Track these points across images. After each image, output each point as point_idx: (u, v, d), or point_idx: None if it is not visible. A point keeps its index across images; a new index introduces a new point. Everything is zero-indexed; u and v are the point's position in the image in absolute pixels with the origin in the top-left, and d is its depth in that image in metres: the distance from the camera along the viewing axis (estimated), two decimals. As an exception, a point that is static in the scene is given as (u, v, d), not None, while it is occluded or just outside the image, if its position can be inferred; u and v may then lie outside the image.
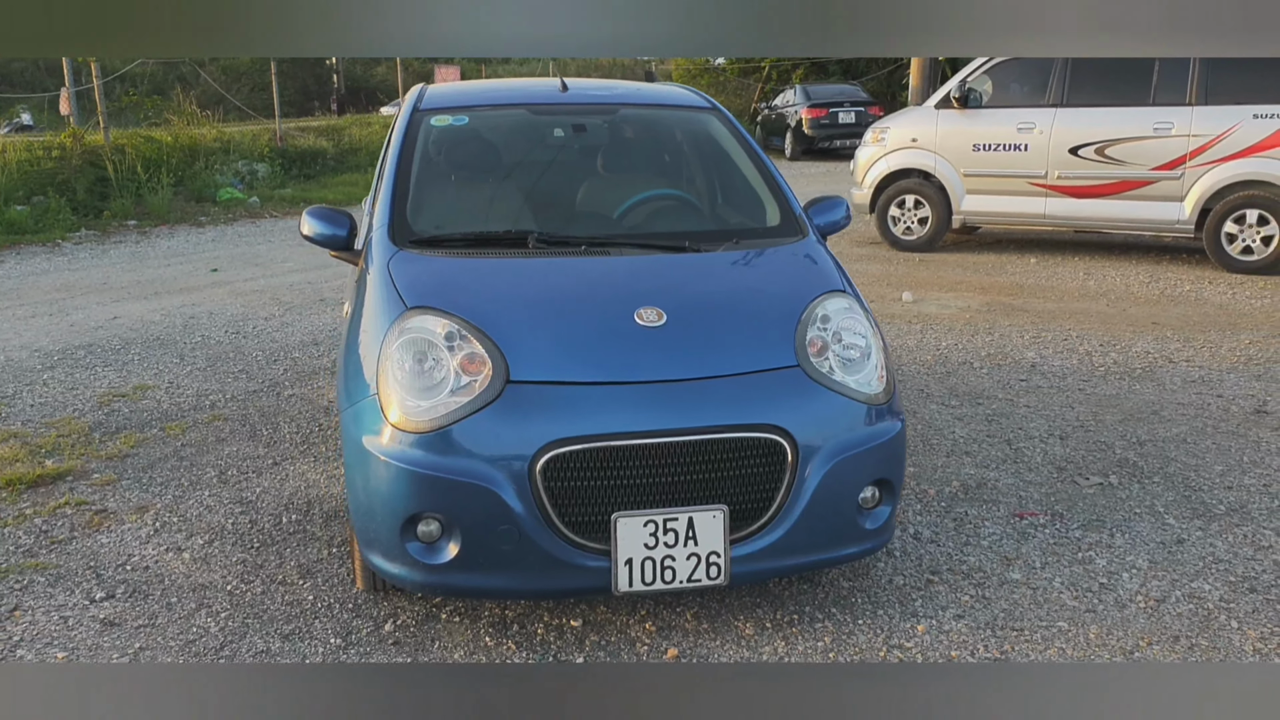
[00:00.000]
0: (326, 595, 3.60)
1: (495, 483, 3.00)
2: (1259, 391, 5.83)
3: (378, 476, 3.09)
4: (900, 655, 3.21)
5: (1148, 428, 5.24)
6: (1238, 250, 9.31)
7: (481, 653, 3.24)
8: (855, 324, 3.43)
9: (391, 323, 3.26)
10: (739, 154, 4.31)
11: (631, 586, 3.06)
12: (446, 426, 3.04)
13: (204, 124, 15.96)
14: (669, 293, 3.39)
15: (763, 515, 3.13)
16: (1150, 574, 3.71)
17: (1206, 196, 9.29)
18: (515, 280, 3.49)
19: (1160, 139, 9.41)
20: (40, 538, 4.07)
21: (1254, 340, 6.99)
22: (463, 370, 3.12)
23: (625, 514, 3.02)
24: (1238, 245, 9.30)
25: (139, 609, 3.53)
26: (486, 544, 3.04)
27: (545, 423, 3.03)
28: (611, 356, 3.17)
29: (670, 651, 3.23)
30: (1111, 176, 9.65)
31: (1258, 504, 4.31)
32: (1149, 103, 9.51)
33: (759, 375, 3.20)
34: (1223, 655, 3.20)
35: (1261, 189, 9.10)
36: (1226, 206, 9.25)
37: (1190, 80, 9.34)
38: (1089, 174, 9.72)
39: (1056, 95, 9.92)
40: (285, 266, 9.92)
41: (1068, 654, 3.21)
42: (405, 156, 4.01)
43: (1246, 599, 3.54)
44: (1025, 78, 10.17)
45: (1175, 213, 9.46)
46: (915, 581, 3.66)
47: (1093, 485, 4.51)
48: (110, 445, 5.06)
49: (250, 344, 6.99)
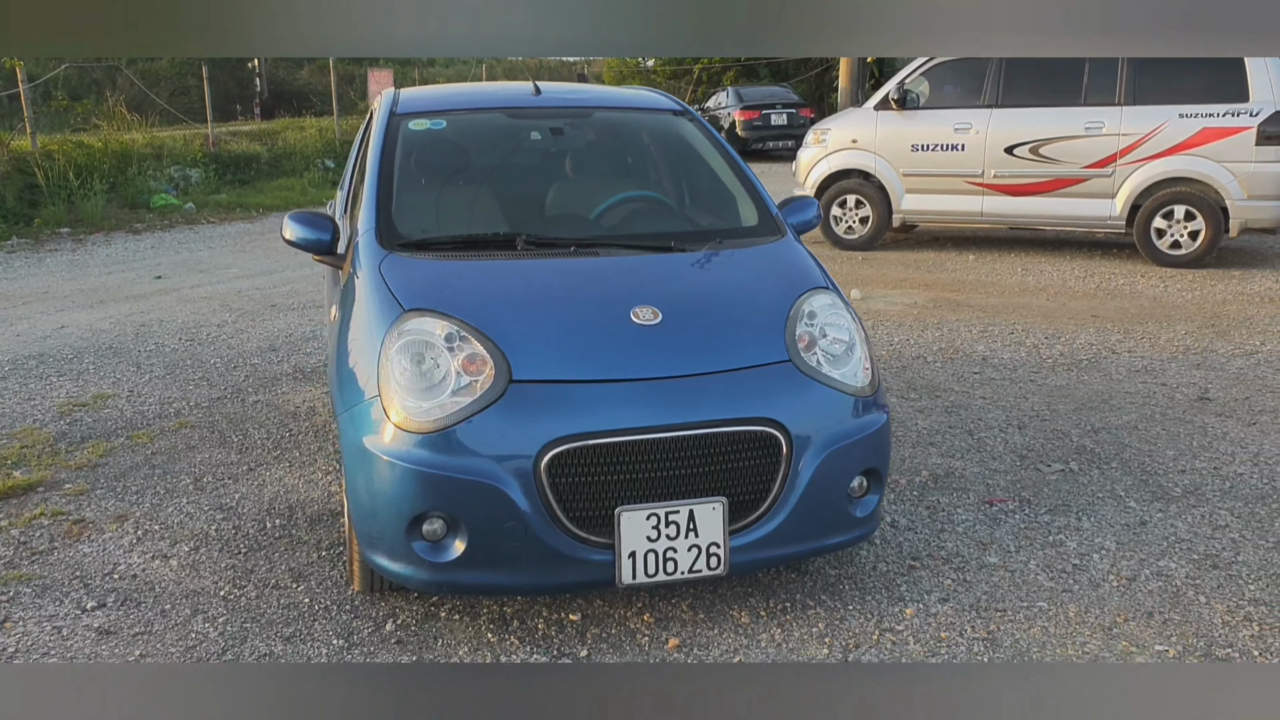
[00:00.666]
0: (322, 597, 3.62)
1: (501, 480, 3.06)
2: (1200, 380, 6.08)
3: (382, 477, 3.13)
4: (892, 638, 3.32)
5: (1100, 416, 5.44)
6: (1167, 245, 9.64)
7: (485, 649, 3.29)
8: (839, 319, 3.55)
9: (389, 325, 3.30)
10: (713, 155, 4.41)
11: (635, 579, 3.14)
12: (451, 426, 3.09)
13: (136, 128, 15.66)
14: (661, 292, 3.48)
15: (759, 506, 3.23)
16: (1119, 555, 3.88)
17: (1136, 193, 9.61)
18: (508, 282, 3.55)
19: (1091, 138, 9.71)
20: (19, 549, 4.03)
21: (1189, 331, 7.26)
22: (464, 370, 3.18)
23: (628, 508, 3.10)
24: (1166, 240, 9.63)
25: (133, 617, 3.52)
26: (493, 541, 3.10)
27: (549, 421, 3.09)
28: (611, 355, 3.24)
29: (671, 642, 3.31)
30: (1046, 175, 9.93)
31: (1210, 486, 4.51)
32: (1080, 103, 9.81)
33: (753, 370, 3.30)
34: (1195, 628, 3.36)
35: (1188, 185, 9.44)
36: (1155, 203, 9.57)
37: (1119, 81, 9.65)
38: (1024, 172, 10.00)
39: (991, 96, 10.18)
40: (231, 273, 9.81)
41: (1050, 632, 3.35)
42: (387, 160, 4.03)
43: (1211, 575, 3.72)
44: (961, 79, 10.42)
45: (1107, 209, 9.77)
46: (898, 568, 3.79)
47: (1055, 472, 4.68)
48: (78, 455, 5.00)
49: (206, 351, 6.93)
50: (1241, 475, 4.62)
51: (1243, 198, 9.29)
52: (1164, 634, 3.34)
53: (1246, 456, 4.85)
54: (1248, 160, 9.25)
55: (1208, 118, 9.35)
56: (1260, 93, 9.23)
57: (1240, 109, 9.26)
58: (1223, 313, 7.84)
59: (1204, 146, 9.37)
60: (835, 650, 3.25)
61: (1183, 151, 9.45)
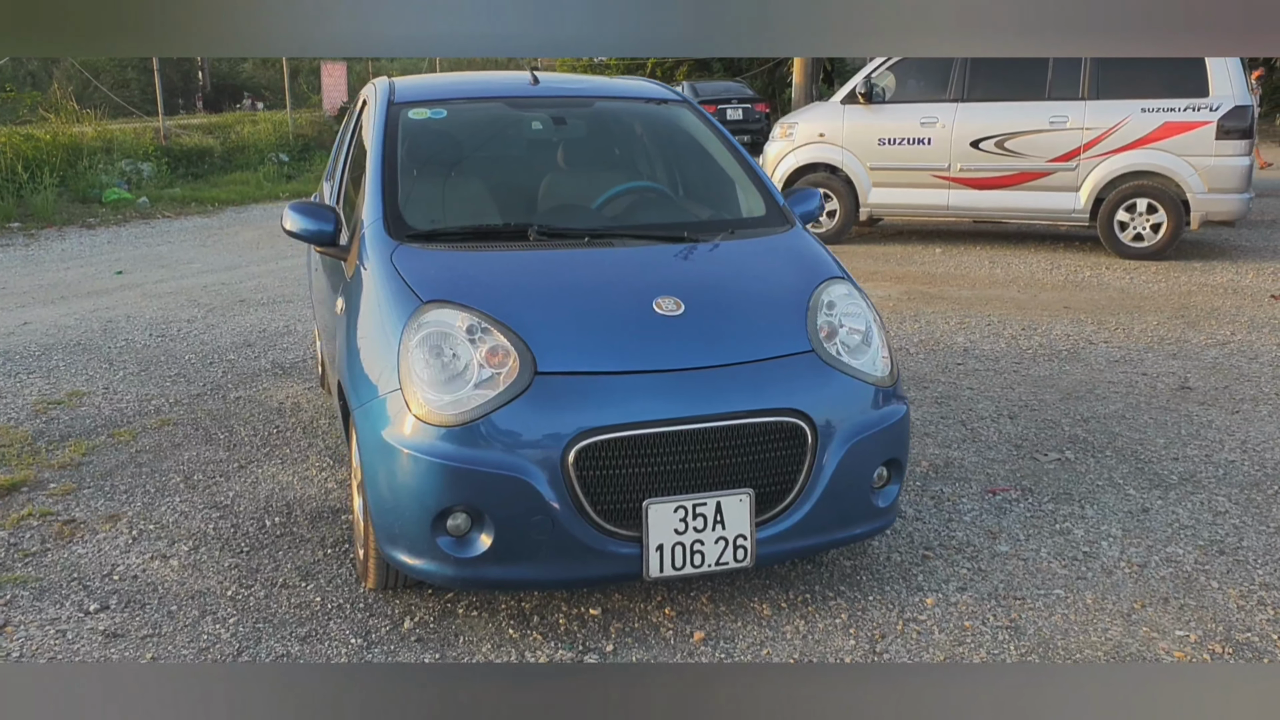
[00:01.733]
0: (334, 596, 3.55)
1: (529, 473, 3.01)
2: (1178, 369, 6.17)
3: (405, 471, 3.07)
4: (916, 628, 3.32)
5: (1087, 405, 5.50)
6: (1129, 237, 9.79)
7: (508, 645, 3.24)
8: (857, 308, 3.54)
9: (407, 318, 3.23)
10: (716, 145, 4.38)
11: (662, 572, 3.11)
12: (477, 419, 3.04)
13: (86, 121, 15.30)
14: (682, 282, 3.45)
15: (785, 497, 3.21)
16: (1126, 541, 3.91)
17: (1100, 186, 9.75)
18: (526, 273, 3.49)
19: (1056, 132, 9.83)
20: (10, 551, 3.90)
21: (1160, 322, 7.37)
22: (486, 362, 3.12)
23: (656, 500, 3.07)
24: (1129, 232, 9.78)
25: (139, 619, 3.42)
26: (520, 535, 3.05)
27: (576, 413, 3.05)
28: (636, 346, 3.20)
29: (696, 635, 3.28)
30: (1011, 168, 10.04)
31: (1205, 473, 4.57)
32: (1044, 97, 9.93)
33: (777, 361, 3.27)
34: (1211, 614, 3.40)
35: (1150, 179, 9.59)
36: (1119, 196, 9.72)
37: (1082, 76, 9.78)
38: (989, 166, 10.09)
39: (957, 90, 10.27)
40: (193, 268, 9.62)
41: (1071, 620, 3.37)
42: (389, 150, 3.95)
43: (1219, 561, 3.76)
44: (927, 74, 10.49)
45: (1071, 202, 9.90)
46: (912, 558, 3.79)
47: (1052, 461, 4.72)
48: (60, 454, 4.86)
49: (179, 347, 6.78)
50: (1233, 462, 4.69)
51: (1203, 191, 9.46)
52: (1182, 619, 3.37)
53: (1235, 444, 4.92)
54: (1208, 154, 9.42)
55: (1169, 112, 9.51)
56: (1220, 88, 9.40)
57: (1201, 104, 9.43)
58: (1190, 304, 7.97)
59: (1165, 141, 9.53)
60: (861, 641, 3.24)
61: (1145, 146, 9.60)
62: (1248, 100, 9.45)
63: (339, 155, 4.96)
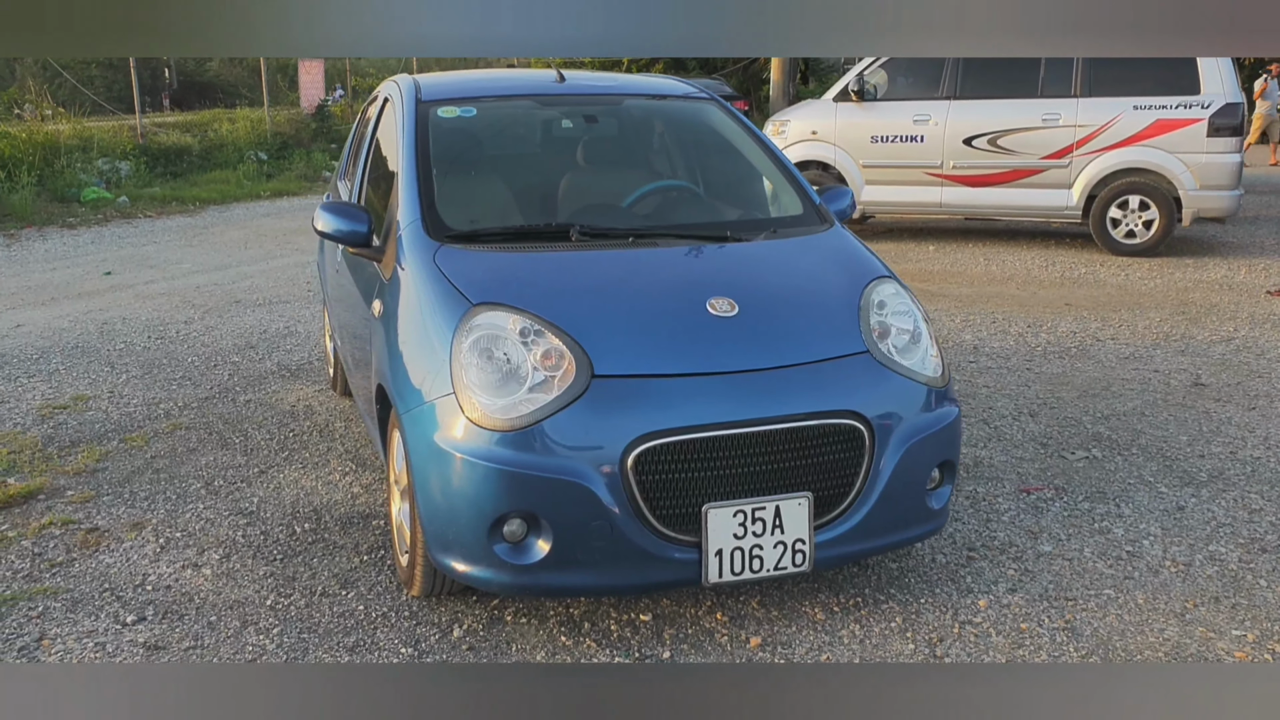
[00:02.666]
0: (377, 604, 3.47)
1: (588, 478, 2.95)
2: (1189, 366, 6.19)
3: (461, 477, 3.00)
4: (973, 631, 3.29)
5: (1105, 403, 5.50)
6: (1122, 234, 9.84)
7: (562, 653, 3.19)
8: (906, 308, 3.50)
9: (458, 321, 3.17)
10: (747, 142, 4.33)
11: (721, 577, 3.06)
12: (535, 423, 2.98)
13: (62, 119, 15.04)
14: (733, 282, 3.40)
15: (843, 501, 3.17)
16: (1167, 540, 3.90)
17: (1092, 183, 9.80)
18: (574, 274, 3.44)
19: (1049, 129, 9.87)
20: (35, 561, 3.80)
21: (1163, 318, 7.40)
22: (541, 365, 3.06)
23: (715, 505, 3.02)
24: (1122, 229, 9.83)
25: (179, 630, 3.33)
26: (579, 541, 2.99)
27: (634, 416, 3.00)
28: (692, 348, 3.15)
29: (753, 641, 3.24)
30: (1004, 165, 10.07)
31: (1233, 470, 4.58)
32: (1037, 95, 9.96)
33: (833, 362, 3.23)
34: (1264, 612, 3.39)
35: (1142, 176, 9.65)
36: (1111, 193, 9.77)
37: (1075, 74, 9.82)
38: (983, 163, 10.12)
39: (950, 88, 10.28)
40: (183, 268, 9.47)
41: (1126, 620, 3.35)
42: (422, 149, 3.87)
43: (1263, 559, 3.76)
44: (919, 71, 10.50)
45: (1064, 199, 9.94)
46: (957, 559, 3.76)
47: (1080, 459, 4.71)
48: (72, 460, 4.75)
49: (180, 349, 6.66)
50: (1259, 459, 4.70)
51: (1195, 188, 9.53)
52: (1235, 618, 3.36)
53: (1257, 440, 4.94)
54: (1199, 151, 9.49)
55: (1161, 110, 9.57)
56: (1211, 85, 9.47)
57: (1192, 101, 9.49)
58: (1189, 300, 8.01)
59: (1157, 138, 9.59)
60: (920, 645, 3.21)
61: (1137, 143, 9.66)
62: (1238, 98, 9.52)
63: (358, 155, 4.86)
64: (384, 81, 5.04)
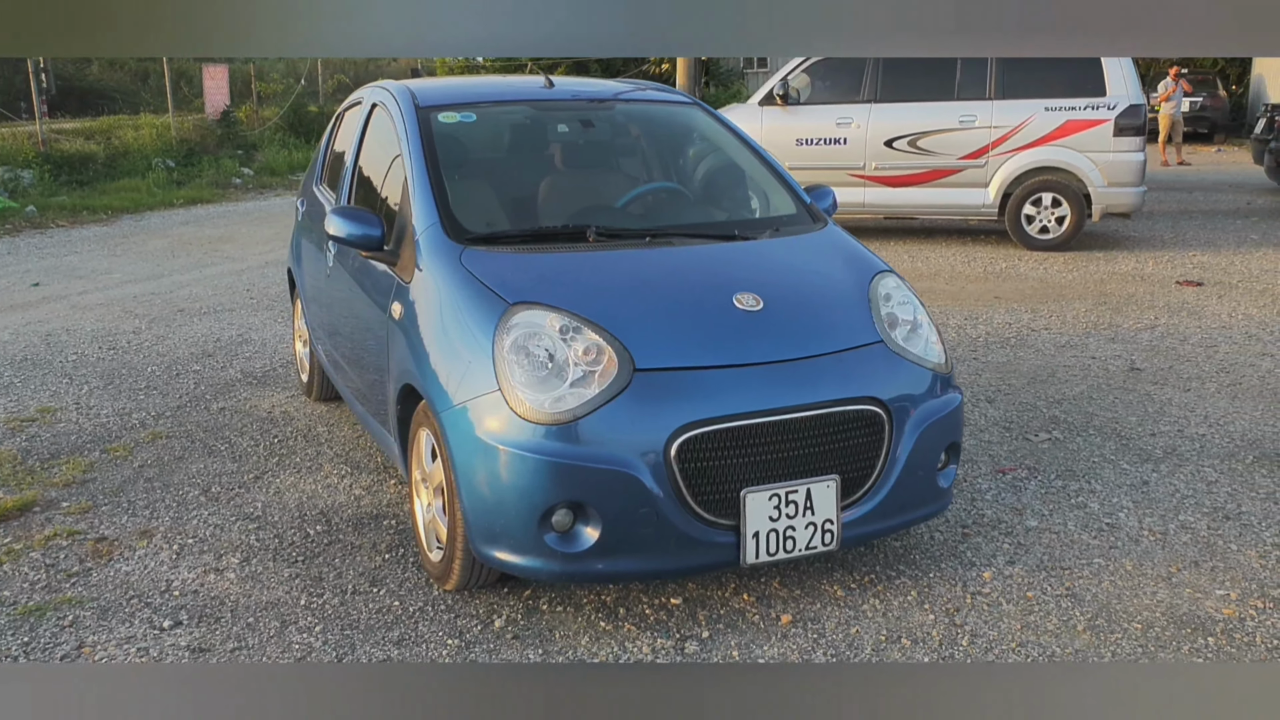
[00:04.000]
0: (411, 600, 3.55)
1: (635, 467, 3.09)
2: (1122, 353, 6.57)
3: (511, 470, 3.11)
4: (985, 601, 3.52)
5: (1054, 389, 5.82)
6: (1036, 230, 10.31)
7: (605, 638, 3.31)
8: (909, 299, 3.72)
9: (497, 320, 3.27)
10: (734, 144, 4.51)
11: (758, 558, 3.23)
12: (583, 416, 3.10)
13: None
14: (754, 279, 3.56)
15: (866, 482, 3.36)
16: (1139, 512, 4.19)
17: (1007, 182, 10.25)
18: (601, 272, 3.56)
19: (965, 131, 10.29)
20: (50, 571, 3.78)
21: (1088, 309, 7.82)
22: (581, 361, 3.18)
23: (752, 489, 3.19)
24: (1036, 225, 10.30)
25: (220, 632, 3.37)
26: (627, 528, 3.12)
27: (677, 407, 3.14)
28: (724, 341, 3.31)
29: (784, 618, 3.41)
30: (924, 166, 10.46)
31: (1184, 447, 4.92)
32: (954, 98, 10.37)
33: (853, 352, 3.43)
34: (1240, 573, 3.68)
35: (1055, 174, 10.14)
36: (1025, 191, 10.23)
37: (989, 77, 10.26)
38: (903, 164, 10.49)
39: (870, 92, 10.64)
40: (114, 278, 9.27)
41: (1120, 585, 3.61)
42: (429, 153, 3.95)
43: (1228, 526, 4.07)
44: (841, 76, 10.83)
45: (981, 198, 10.37)
46: (954, 536, 3.99)
47: (1043, 441, 5.01)
48: (57, 472, 4.69)
49: (136, 359, 6.57)
50: (1205, 436, 5.05)
51: (1103, 185, 10.04)
52: (1216, 580, 3.65)
53: (1199, 419, 5.30)
54: (1107, 150, 10.01)
55: (1071, 111, 10.06)
56: (1116, 87, 9.99)
57: (1099, 103, 10.00)
58: (1107, 291, 8.46)
59: (1068, 138, 10.08)
60: (940, 616, 3.42)
61: (1049, 143, 10.14)
62: (1141, 99, 10.06)
63: (340, 161, 4.89)
64: (364, 87, 5.08)
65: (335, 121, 5.42)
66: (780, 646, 3.27)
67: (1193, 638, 3.28)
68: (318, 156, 5.56)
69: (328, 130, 5.52)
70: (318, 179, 5.38)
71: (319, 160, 5.47)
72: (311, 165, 5.70)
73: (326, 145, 5.46)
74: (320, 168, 5.42)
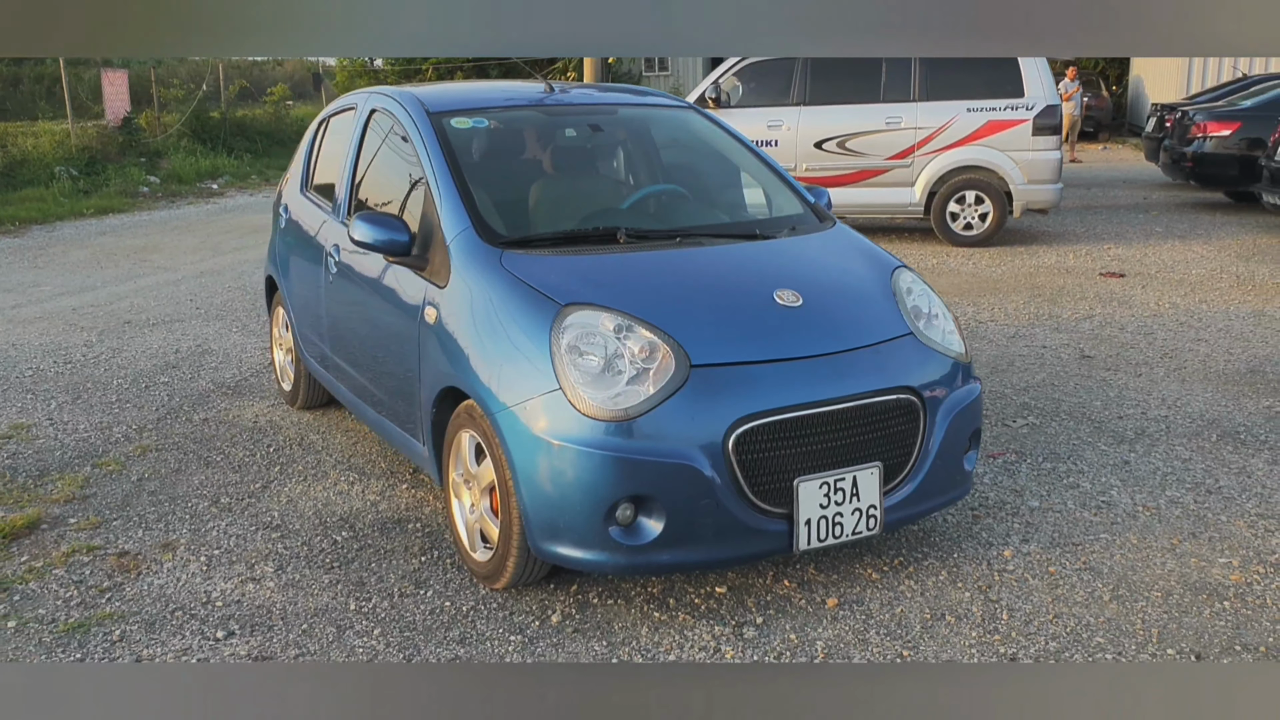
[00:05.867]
0: (460, 599, 3.59)
1: (697, 460, 3.19)
2: (1070, 342, 6.90)
3: (576, 466, 3.18)
4: (1012, 578, 3.70)
5: (1017, 377, 6.09)
6: (960, 226, 10.70)
7: (663, 628, 3.40)
8: (927, 292, 3.90)
9: (551, 321, 3.34)
10: (735, 146, 4.64)
11: (809, 545, 3.36)
12: (646, 412, 3.19)
13: None
14: (788, 276, 3.69)
15: (904, 468, 3.52)
16: (1129, 490, 4.45)
17: (933, 181, 10.61)
18: (643, 272, 3.65)
19: (892, 132, 10.62)
20: (82, 588, 3.71)
21: (1025, 301, 8.16)
22: (638, 359, 3.27)
23: (804, 478, 3.32)
24: (960, 222, 10.69)
25: (278, 639, 3.36)
26: (689, 519, 3.22)
27: (733, 401, 3.26)
28: (772, 336, 3.43)
29: (830, 601, 3.55)
30: (853, 167, 10.76)
31: (1152, 428, 5.21)
32: (880, 100, 10.70)
33: (888, 344, 3.58)
34: (1233, 543, 3.94)
35: (977, 173, 10.53)
36: (949, 189, 10.61)
37: (913, 80, 10.61)
38: (833, 165, 10.77)
39: (800, 95, 10.90)
40: (45, 290, 8.98)
41: (1130, 558, 3.84)
42: (451, 158, 3.99)
43: (1212, 499, 4.35)
44: (770, 79, 11.07)
45: (908, 196, 10.71)
46: (965, 519, 4.18)
47: (1022, 426, 5.25)
48: (53, 489, 4.58)
49: (98, 373, 6.41)
50: (1167, 417, 5.36)
51: (1023, 182, 10.48)
52: (1216, 549, 3.90)
53: (1157, 402, 5.61)
54: (1026, 149, 10.45)
55: (991, 112, 10.46)
56: (1033, 89, 10.43)
57: (1018, 104, 10.43)
58: (1037, 284, 8.83)
59: (989, 138, 10.49)
60: (975, 593, 3.60)
61: (971, 143, 10.53)
62: (1056, 100, 10.52)
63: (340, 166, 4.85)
64: (353, 94, 5.07)
65: (319, 127, 5.39)
66: (833, 629, 3.40)
67: (1210, 603, 3.52)
68: (299, 163, 5.51)
69: (309, 136, 5.48)
70: (303, 185, 5.34)
71: (302, 166, 5.42)
72: (291, 172, 5.65)
73: (310, 151, 5.42)
74: (305, 174, 5.37)
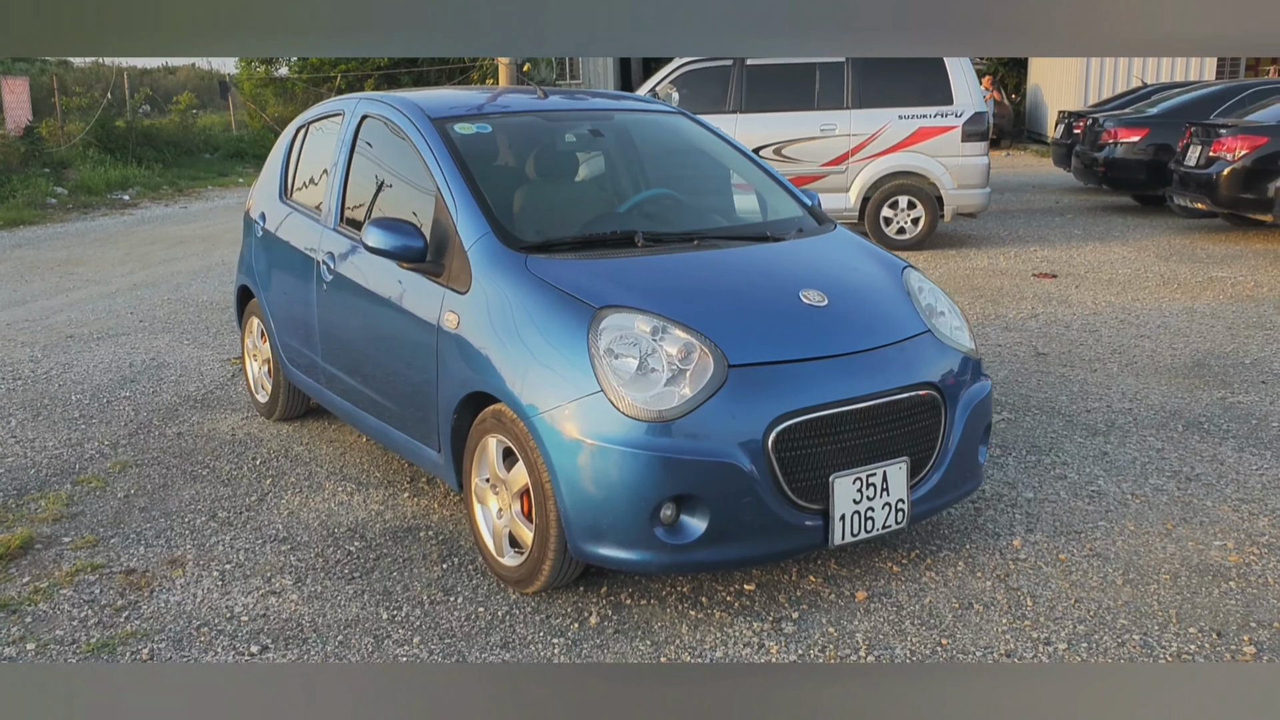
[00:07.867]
0: (493, 605, 3.58)
1: (738, 459, 3.24)
2: (1022, 340, 7.12)
3: (621, 467, 3.20)
4: (1027, 566, 3.82)
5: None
6: (894, 231, 10.94)
7: (703, 627, 3.44)
8: (936, 290, 4.01)
9: (588, 324, 3.35)
10: (729, 151, 4.71)
11: (843, 539, 3.43)
12: (688, 413, 3.23)
13: None
14: (811, 276, 3.77)
15: (928, 463, 3.62)
16: (1115, 479, 4.62)
17: (867, 186, 10.84)
18: (669, 275, 3.68)
19: (826, 139, 10.82)
20: (95, 608, 3.60)
21: (970, 301, 8.39)
22: (675, 360, 3.31)
23: (839, 474, 3.39)
24: (894, 226, 10.93)
25: (316, 652, 3.31)
26: (732, 517, 3.27)
27: (771, 400, 3.31)
28: (803, 335, 3.50)
29: (860, 594, 3.62)
30: (789, 173, 10.90)
31: (1120, 420, 5.42)
32: (814, 108, 10.89)
33: (910, 341, 3.67)
34: (1223, 527, 4.13)
35: (909, 179, 10.79)
36: (883, 194, 10.84)
37: (846, 87, 10.83)
38: (769, 171, 10.91)
39: (736, 102, 11.03)
40: (-28, 306, 8.65)
41: (1132, 543, 3.99)
42: (461, 164, 3.97)
43: (1194, 486, 4.54)
44: (707, 87, 11.18)
45: (843, 202, 10.92)
46: (968, 512, 4.30)
47: (999, 421, 5.41)
48: (37, 508, 4.43)
49: (53, 388, 6.20)
50: (1131, 410, 5.58)
51: (953, 187, 10.76)
52: (1209, 532, 4.08)
53: (1118, 395, 5.83)
54: (955, 155, 10.73)
55: (922, 119, 10.73)
56: (961, 97, 10.73)
57: (947, 111, 10.71)
58: (976, 285, 9.09)
59: (920, 144, 10.75)
60: (995, 582, 3.70)
61: (903, 149, 10.78)
62: (984, 107, 10.84)
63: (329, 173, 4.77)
64: (340, 99, 5.01)
65: (298, 133, 5.30)
66: (868, 621, 3.47)
67: (1216, 583, 3.68)
68: (274, 171, 5.41)
69: (288, 143, 5.39)
70: (282, 192, 5.25)
71: (280, 173, 5.33)
72: (263, 180, 5.54)
73: (287, 158, 5.33)
74: (284, 181, 5.28)
